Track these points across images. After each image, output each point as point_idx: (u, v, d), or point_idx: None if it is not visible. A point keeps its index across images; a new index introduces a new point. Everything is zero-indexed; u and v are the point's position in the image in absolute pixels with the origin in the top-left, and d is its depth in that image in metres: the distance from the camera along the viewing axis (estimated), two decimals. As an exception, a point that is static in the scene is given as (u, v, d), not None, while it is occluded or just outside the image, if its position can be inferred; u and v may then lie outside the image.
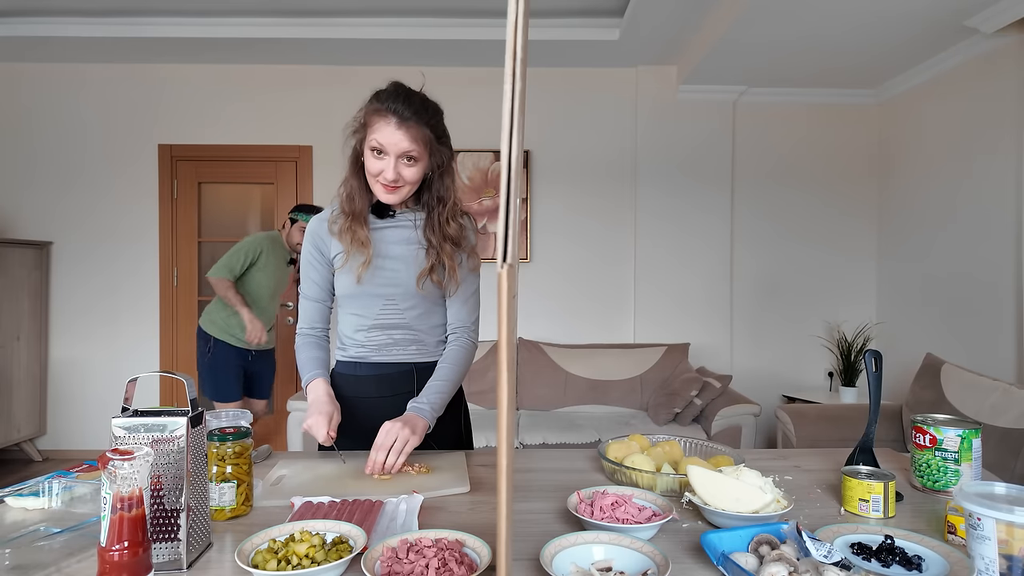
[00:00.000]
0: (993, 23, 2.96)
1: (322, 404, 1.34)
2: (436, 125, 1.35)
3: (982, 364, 3.23)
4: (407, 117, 1.30)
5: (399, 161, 1.32)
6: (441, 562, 0.82)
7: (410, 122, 1.30)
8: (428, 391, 1.38)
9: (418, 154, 1.33)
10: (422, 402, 1.36)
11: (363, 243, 1.38)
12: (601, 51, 3.90)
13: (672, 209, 4.19)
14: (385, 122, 1.30)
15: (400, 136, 1.30)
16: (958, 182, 3.46)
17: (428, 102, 1.35)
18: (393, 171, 1.32)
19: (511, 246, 0.54)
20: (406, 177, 1.34)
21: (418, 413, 1.33)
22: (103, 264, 4.16)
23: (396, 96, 1.32)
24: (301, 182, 4.21)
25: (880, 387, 1.25)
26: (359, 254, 1.39)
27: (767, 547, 0.85)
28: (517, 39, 0.52)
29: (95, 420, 4.16)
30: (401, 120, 1.30)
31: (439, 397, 1.38)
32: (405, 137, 1.30)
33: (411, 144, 1.31)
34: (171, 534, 0.87)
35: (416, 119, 1.31)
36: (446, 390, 1.40)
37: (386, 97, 1.32)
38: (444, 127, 1.39)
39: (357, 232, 1.39)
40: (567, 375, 3.84)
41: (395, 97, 1.31)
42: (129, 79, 4.15)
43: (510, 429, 0.57)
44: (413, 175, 1.34)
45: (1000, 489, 0.88)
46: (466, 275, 1.47)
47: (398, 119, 1.30)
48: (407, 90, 1.35)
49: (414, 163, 1.33)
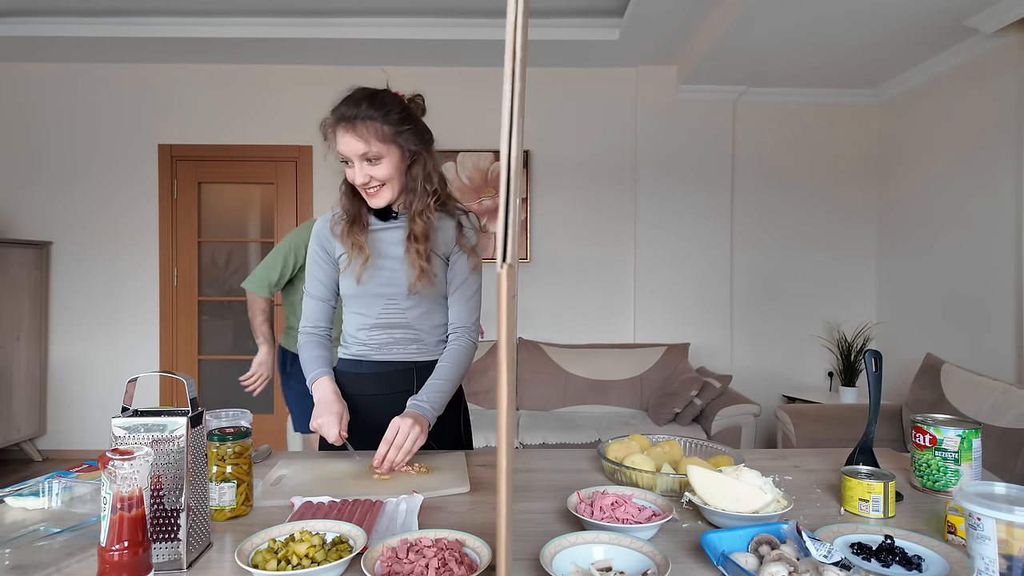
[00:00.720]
0: (993, 23, 2.96)
1: (331, 403, 1.35)
2: (389, 116, 1.32)
3: (982, 364, 3.23)
4: (351, 118, 1.30)
5: (363, 164, 1.33)
6: (441, 562, 0.82)
7: (355, 122, 1.30)
8: (428, 389, 1.38)
9: (377, 151, 1.32)
10: (422, 400, 1.36)
11: (360, 247, 1.40)
12: (601, 51, 3.90)
13: (672, 208, 4.18)
14: (339, 130, 1.31)
15: (351, 139, 1.31)
16: (958, 182, 3.46)
17: (377, 96, 1.33)
18: (361, 175, 1.33)
19: (511, 246, 0.54)
20: (377, 176, 1.34)
21: (419, 411, 1.33)
22: (103, 264, 4.16)
23: (342, 102, 1.32)
24: (301, 182, 4.21)
25: (880, 387, 1.25)
26: (358, 256, 1.41)
27: (767, 547, 0.85)
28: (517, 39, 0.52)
29: (95, 420, 4.16)
30: (348, 123, 1.30)
31: (439, 396, 1.38)
32: (355, 139, 1.30)
33: (363, 144, 1.30)
34: (171, 534, 0.87)
35: (361, 118, 1.30)
36: (446, 389, 1.40)
37: (336, 106, 1.33)
38: (408, 115, 1.36)
39: (355, 236, 1.41)
40: (567, 375, 3.84)
41: (342, 103, 1.32)
42: (129, 79, 4.15)
43: (510, 429, 0.57)
44: (383, 172, 1.34)
45: (1000, 489, 0.88)
46: (467, 275, 1.46)
47: (345, 123, 1.30)
48: (355, 92, 1.34)
49: (378, 161, 1.33)
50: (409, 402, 1.36)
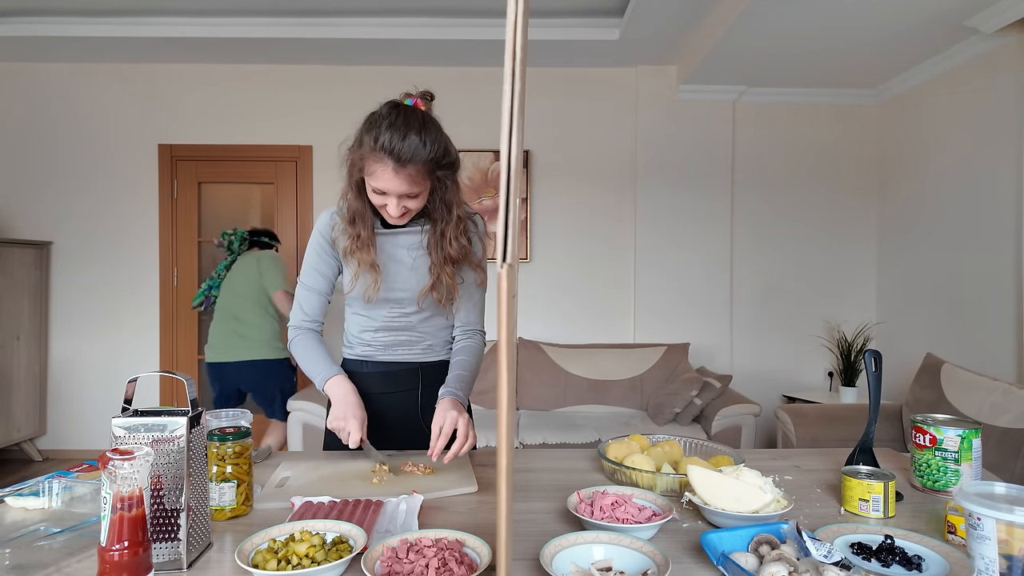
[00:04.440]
0: (993, 23, 2.96)
1: (354, 407, 1.31)
2: (436, 151, 1.25)
3: (982, 364, 3.23)
4: (404, 160, 1.21)
5: (402, 199, 1.28)
6: (441, 562, 0.82)
7: (408, 166, 1.22)
8: (455, 380, 1.38)
9: (419, 190, 1.27)
10: (456, 388, 1.36)
11: (371, 266, 1.36)
12: (601, 51, 3.90)
13: (672, 209, 4.18)
14: (383, 167, 1.22)
15: (400, 182, 1.23)
16: (958, 182, 3.46)
17: (426, 130, 1.24)
18: (397, 208, 1.28)
19: (511, 246, 0.54)
20: (411, 208, 1.30)
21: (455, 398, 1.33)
22: (103, 264, 4.16)
23: (391, 133, 1.21)
24: (301, 182, 4.21)
25: (880, 387, 1.25)
26: (367, 273, 1.37)
27: (767, 547, 0.85)
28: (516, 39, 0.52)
29: (95, 420, 4.16)
30: (398, 164, 1.21)
31: (467, 386, 1.39)
32: (405, 183, 1.24)
33: (411, 187, 1.25)
34: (171, 534, 0.87)
35: (414, 160, 1.22)
36: (470, 380, 1.41)
37: (381, 133, 1.21)
38: (445, 145, 1.28)
39: (363, 256, 1.36)
40: (567, 375, 3.83)
41: (390, 135, 1.20)
42: (129, 79, 4.15)
43: (510, 429, 0.57)
44: (418, 204, 1.31)
45: (1000, 489, 0.88)
46: (472, 290, 1.46)
47: (395, 163, 1.21)
48: (404, 120, 1.22)
49: (417, 196, 1.29)
50: (443, 390, 1.35)
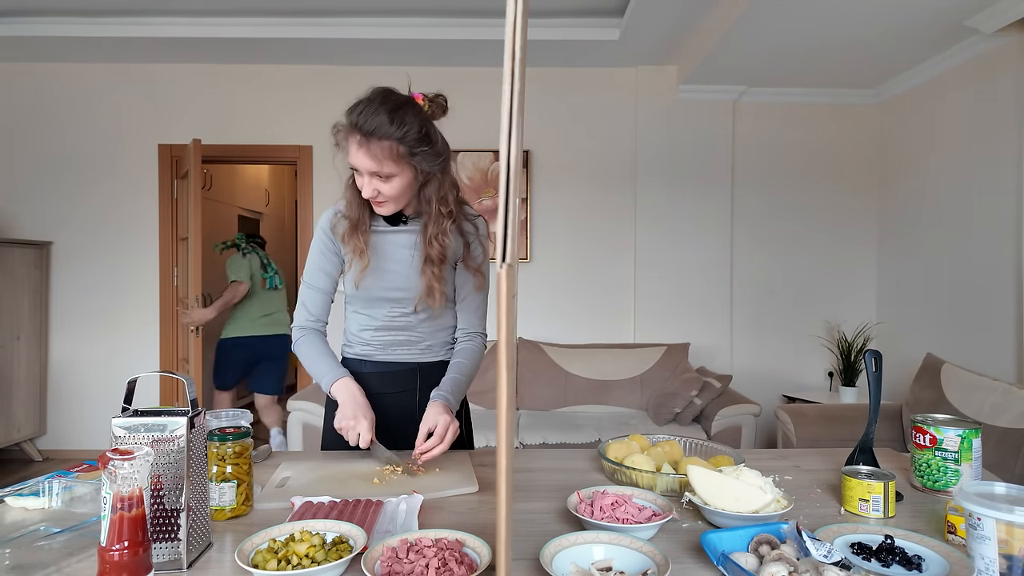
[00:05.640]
0: (993, 23, 2.96)
1: (363, 407, 1.31)
2: (407, 136, 1.24)
3: (982, 364, 3.23)
4: (368, 133, 1.22)
5: (372, 179, 1.27)
6: (441, 562, 0.82)
7: (371, 139, 1.22)
8: (448, 384, 1.39)
9: (389, 171, 1.25)
10: (447, 392, 1.37)
11: (361, 252, 1.37)
12: (601, 51, 3.90)
13: (672, 209, 4.18)
14: (352, 141, 1.24)
15: (363, 156, 1.23)
16: (958, 182, 3.46)
17: (398, 112, 1.24)
18: (369, 189, 1.28)
19: (511, 246, 0.54)
20: (385, 192, 1.28)
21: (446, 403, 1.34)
22: (103, 264, 4.16)
23: (360, 109, 1.23)
24: (301, 182, 4.21)
25: (880, 387, 1.25)
26: (358, 262, 1.38)
27: (767, 547, 0.85)
28: (516, 39, 0.52)
29: (95, 420, 4.16)
30: (363, 138, 1.22)
31: (459, 391, 1.40)
32: (367, 157, 1.23)
33: (374, 163, 1.24)
34: (171, 534, 0.87)
35: (377, 135, 1.22)
36: (464, 384, 1.42)
37: (356, 109, 1.24)
38: (427, 133, 1.28)
39: (356, 241, 1.37)
40: (567, 375, 3.83)
41: (360, 110, 1.23)
42: (129, 79, 4.15)
43: (510, 429, 0.57)
44: (392, 190, 1.28)
45: (1000, 489, 0.88)
46: (472, 293, 1.46)
47: (360, 137, 1.23)
48: (378, 98, 1.25)
49: (389, 179, 1.26)
50: (434, 393, 1.36)
